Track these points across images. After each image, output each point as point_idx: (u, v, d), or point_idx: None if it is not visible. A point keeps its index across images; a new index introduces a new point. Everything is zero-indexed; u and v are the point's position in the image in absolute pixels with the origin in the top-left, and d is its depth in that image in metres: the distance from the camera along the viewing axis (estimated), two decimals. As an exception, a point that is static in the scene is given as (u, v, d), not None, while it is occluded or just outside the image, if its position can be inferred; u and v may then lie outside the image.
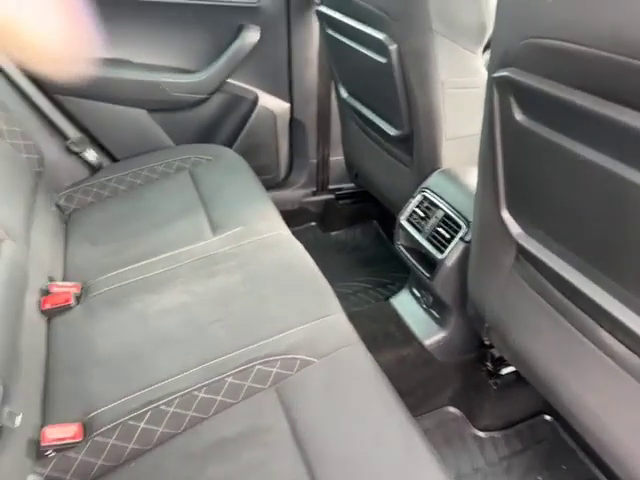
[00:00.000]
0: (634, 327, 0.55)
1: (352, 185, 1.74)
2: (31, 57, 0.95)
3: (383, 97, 1.16)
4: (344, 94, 1.39)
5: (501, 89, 0.61)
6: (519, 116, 0.59)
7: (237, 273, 0.94)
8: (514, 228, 0.71)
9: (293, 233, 1.74)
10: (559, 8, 0.49)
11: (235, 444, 0.69)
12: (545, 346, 0.75)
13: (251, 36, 1.37)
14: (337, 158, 1.68)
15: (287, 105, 1.54)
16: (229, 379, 0.75)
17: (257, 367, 0.77)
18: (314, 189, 1.71)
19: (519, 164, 0.65)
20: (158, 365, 0.78)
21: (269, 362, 0.77)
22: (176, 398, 0.73)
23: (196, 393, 0.74)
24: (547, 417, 1.17)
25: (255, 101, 1.48)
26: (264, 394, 0.75)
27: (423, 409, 1.18)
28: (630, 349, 0.57)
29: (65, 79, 1.16)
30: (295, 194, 1.70)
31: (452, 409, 1.19)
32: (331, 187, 1.74)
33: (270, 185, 1.61)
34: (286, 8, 1.37)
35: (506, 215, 0.72)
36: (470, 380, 1.16)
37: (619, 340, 0.59)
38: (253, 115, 1.49)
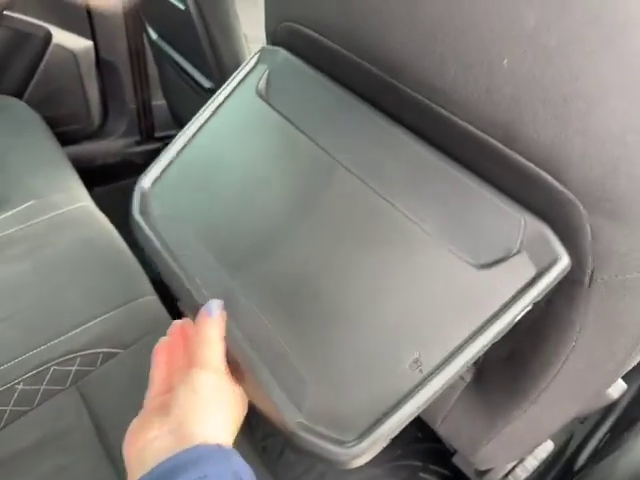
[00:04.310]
0: None
1: (182, 132, 1.62)
2: None
3: (190, 46, 1.06)
4: (154, 35, 1.24)
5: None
6: None
7: (27, 260, 0.83)
8: None
9: (116, 189, 1.60)
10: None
11: (34, 453, 0.65)
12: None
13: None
14: (161, 102, 1.54)
15: (90, 43, 1.33)
16: (19, 386, 0.69)
17: (53, 368, 0.71)
18: (138, 138, 1.55)
19: None
20: None
21: (67, 361, 0.71)
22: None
23: (-21, 407, 0.66)
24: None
25: (47, 39, 1.25)
26: (64, 395, 0.70)
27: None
28: None
29: None
30: (115, 144, 1.53)
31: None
32: (158, 135, 1.59)
33: (81, 136, 1.43)
34: None
35: None
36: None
37: None
38: (46, 56, 1.26)
